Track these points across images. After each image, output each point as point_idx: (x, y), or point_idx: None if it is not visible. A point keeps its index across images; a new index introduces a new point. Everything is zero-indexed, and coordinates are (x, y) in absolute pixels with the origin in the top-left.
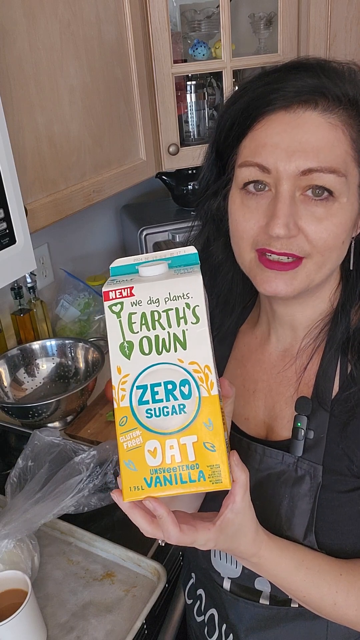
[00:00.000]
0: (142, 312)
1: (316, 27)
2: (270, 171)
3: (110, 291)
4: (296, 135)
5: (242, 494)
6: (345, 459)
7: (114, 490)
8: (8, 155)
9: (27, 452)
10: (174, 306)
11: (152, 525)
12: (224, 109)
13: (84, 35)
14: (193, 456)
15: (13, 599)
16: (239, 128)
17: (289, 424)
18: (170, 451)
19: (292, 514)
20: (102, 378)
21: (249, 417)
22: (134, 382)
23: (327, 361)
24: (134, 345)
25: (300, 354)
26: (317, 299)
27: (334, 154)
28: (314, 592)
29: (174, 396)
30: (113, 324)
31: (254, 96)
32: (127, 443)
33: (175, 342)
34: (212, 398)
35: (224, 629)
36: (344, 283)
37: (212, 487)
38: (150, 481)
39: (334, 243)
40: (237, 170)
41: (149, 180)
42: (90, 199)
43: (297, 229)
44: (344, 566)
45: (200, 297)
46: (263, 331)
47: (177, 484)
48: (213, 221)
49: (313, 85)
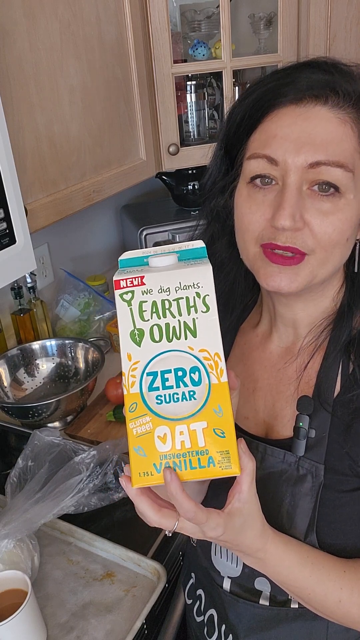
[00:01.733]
0: (152, 300)
1: (316, 27)
2: (279, 163)
3: (121, 280)
4: (306, 128)
5: (249, 482)
6: (348, 459)
7: (122, 476)
8: (8, 155)
9: (27, 452)
10: (185, 295)
11: (159, 514)
12: (235, 104)
13: (84, 35)
14: (203, 442)
15: (13, 599)
16: (249, 121)
17: (289, 422)
18: (180, 437)
19: (293, 513)
20: (102, 378)
21: (249, 416)
22: (144, 369)
23: (330, 361)
24: (144, 333)
25: (301, 352)
26: (319, 297)
27: (341, 149)
28: (318, 589)
29: (184, 383)
30: (124, 312)
31: (265, 90)
32: (136, 429)
33: (186, 330)
34: (221, 385)
35: (223, 629)
36: (349, 285)
37: (221, 473)
38: (160, 467)
39: (338, 239)
40: (245, 163)
41: (149, 180)
42: (90, 199)
43: (303, 221)
44: (347, 564)
45: (211, 287)
46: (264, 329)
47: (187, 469)
48: (218, 219)
49: (325, 80)
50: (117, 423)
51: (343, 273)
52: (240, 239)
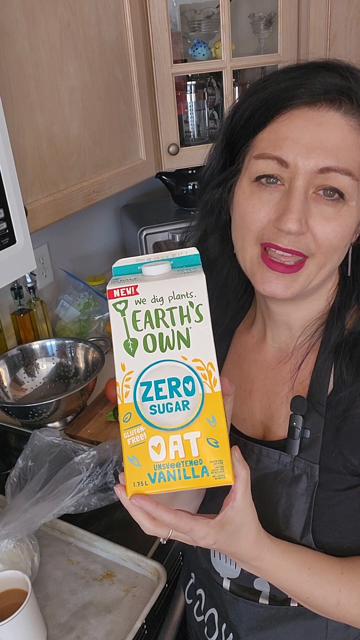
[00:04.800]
0: (146, 310)
1: (316, 27)
2: (289, 165)
3: (114, 289)
4: (318, 132)
5: (242, 490)
6: (341, 457)
7: (117, 485)
8: (8, 155)
9: (27, 452)
10: (178, 304)
11: (153, 522)
12: (243, 98)
13: (84, 35)
14: (197, 452)
15: (13, 599)
16: (259, 119)
17: (285, 423)
18: (174, 447)
19: (289, 513)
20: (102, 378)
21: (246, 418)
22: (138, 379)
23: (322, 362)
24: (138, 343)
25: (295, 352)
26: (314, 299)
27: (351, 157)
28: (317, 593)
29: (177, 393)
30: (117, 321)
31: (278, 89)
32: (131, 439)
33: (179, 340)
34: (215, 395)
35: (223, 628)
36: (340, 287)
37: (215, 482)
38: (154, 477)
39: (338, 244)
40: (252, 161)
41: (149, 180)
42: (90, 199)
43: (307, 226)
44: (345, 564)
45: (204, 296)
46: (259, 330)
47: (181, 479)
48: (212, 213)
49: (341, 85)
50: (117, 423)
51: (338, 274)
52: (240, 236)
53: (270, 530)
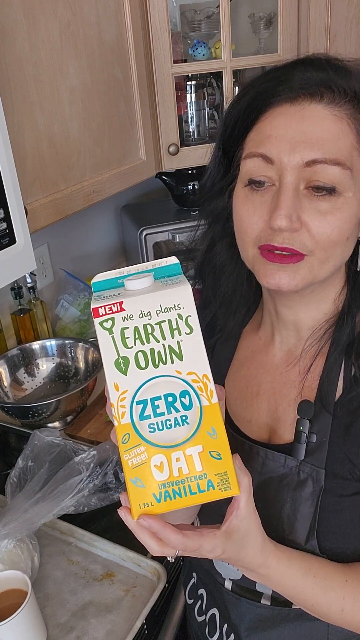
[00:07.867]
0: (134, 326)
1: (316, 27)
2: (274, 162)
3: (99, 307)
4: (300, 127)
5: (245, 498)
6: (348, 462)
7: (121, 508)
8: (8, 155)
9: (27, 452)
10: (167, 318)
11: (159, 543)
12: (230, 105)
13: (84, 35)
14: (200, 466)
15: (13, 599)
16: (245, 122)
17: (292, 426)
18: (177, 464)
19: (294, 517)
20: (102, 378)
21: (252, 420)
22: (134, 398)
23: (331, 364)
24: (129, 361)
25: (303, 355)
26: (321, 299)
27: (338, 146)
28: (322, 600)
29: (175, 408)
30: (106, 340)
31: (259, 90)
32: (132, 460)
33: (172, 354)
34: (213, 406)
35: (225, 628)
36: (350, 285)
37: (221, 495)
38: (160, 496)
39: (338, 239)
40: (241, 163)
41: (149, 180)
42: (90, 199)
43: (300, 222)
44: (349, 572)
45: (192, 307)
46: (267, 333)
47: (187, 495)
48: (219, 220)
49: (319, 78)
50: None
51: (345, 274)
52: (240, 241)
53: (275, 535)
